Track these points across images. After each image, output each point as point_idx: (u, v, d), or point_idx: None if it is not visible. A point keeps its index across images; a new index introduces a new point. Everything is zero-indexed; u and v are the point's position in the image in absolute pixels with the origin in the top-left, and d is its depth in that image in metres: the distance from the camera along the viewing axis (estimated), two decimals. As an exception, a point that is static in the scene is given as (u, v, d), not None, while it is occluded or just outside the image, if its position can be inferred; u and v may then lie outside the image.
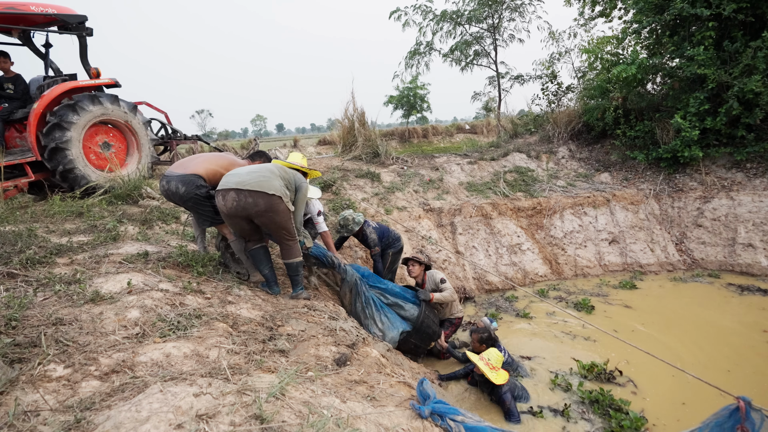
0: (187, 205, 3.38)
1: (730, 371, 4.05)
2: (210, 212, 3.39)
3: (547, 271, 6.86)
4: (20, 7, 5.07)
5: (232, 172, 3.26)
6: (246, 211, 3.13)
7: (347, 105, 8.67)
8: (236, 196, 3.10)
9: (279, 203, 3.17)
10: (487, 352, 3.66)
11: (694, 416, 3.41)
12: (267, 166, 3.31)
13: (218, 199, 3.20)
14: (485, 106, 25.84)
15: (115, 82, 6.03)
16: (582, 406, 3.58)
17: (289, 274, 3.57)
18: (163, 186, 3.34)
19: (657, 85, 9.24)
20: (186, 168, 3.39)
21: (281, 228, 3.29)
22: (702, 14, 7.12)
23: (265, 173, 3.20)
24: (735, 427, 1.82)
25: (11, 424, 1.40)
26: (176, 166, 3.46)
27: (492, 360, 3.59)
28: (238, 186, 3.10)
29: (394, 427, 1.88)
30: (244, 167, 3.33)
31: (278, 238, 3.39)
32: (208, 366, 1.98)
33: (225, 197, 3.14)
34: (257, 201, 3.10)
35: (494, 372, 3.51)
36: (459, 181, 8.18)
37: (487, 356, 3.62)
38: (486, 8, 14.29)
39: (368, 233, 4.74)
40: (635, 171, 8.38)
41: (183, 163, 3.47)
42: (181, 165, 3.45)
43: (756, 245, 6.49)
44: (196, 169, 3.38)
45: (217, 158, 3.60)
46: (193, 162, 3.47)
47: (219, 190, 3.19)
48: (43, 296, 2.35)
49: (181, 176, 3.31)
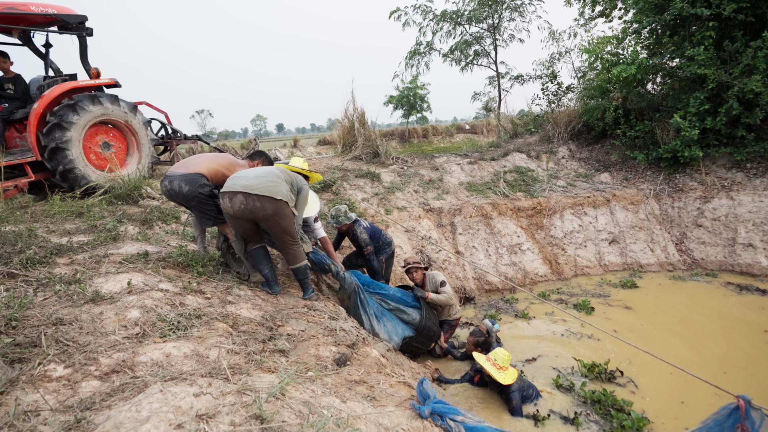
0: (190, 204, 3.38)
1: (728, 372, 4.05)
2: (213, 211, 3.40)
3: (547, 271, 6.86)
4: (20, 7, 5.07)
5: (238, 175, 3.25)
6: (253, 214, 3.14)
7: (347, 105, 8.67)
8: (244, 199, 3.10)
9: (285, 208, 3.18)
10: (494, 353, 3.64)
11: (693, 415, 3.42)
12: (272, 170, 3.31)
13: (224, 201, 3.19)
14: (485, 106, 25.88)
15: (115, 82, 6.03)
16: (585, 406, 3.58)
17: (297, 278, 3.56)
18: (166, 186, 3.34)
19: (657, 85, 9.24)
20: (188, 167, 3.40)
21: (285, 233, 3.29)
22: (702, 14, 7.12)
23: (272, 177, 3.20)
24: (735, 426, 1.82)
25: (11, 424, 1.40)
26: (178, 165, 3.46)
27: (499, 360, 3.57)
28: (246, 189, 3.10)
29: (394, 427, 1.88)
30: (251, 170, 3.32)
31: (282, 244, 3.38)
32: (208, 366, 1.98)
33: (232, 200, 3.14)
34: (265, 205, 3.11)
35: (502, 372, 3.49)
36: (459, 181, 8.18)
37: (494, 357, 3.60)
38: (486, 8, 14.29)
39: (359, 233, 4.70)
40: (635, 171, 8.38)
41: (185, 163, 3.48)
42: (183, 165, 3.45)
43: (756, 245, 6.49)
44: (198, 168, 3.39)
45: (218, 158, 3.61)
46: (195, 161, 3.48)
47: (225, 192, 3.18)
48: (43, 296, 2.35)
49: (184, 175, 3.31)
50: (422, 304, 4.50)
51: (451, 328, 4.79)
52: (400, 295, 4.45)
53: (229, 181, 3.21)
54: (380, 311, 4.26)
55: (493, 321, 4.80)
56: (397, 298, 4.41)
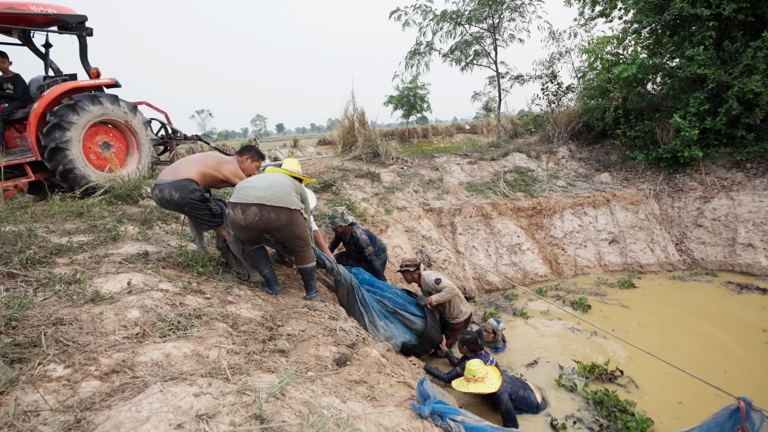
0: (183, 210, 3.34)
1: (727, 371, 4.05)
2: (207, 215, 3.37)
3: (547, 271, 6.86)
4: (20, 7, 5.07)
5: (249, 185, 3.19)
6: (267, 225, 3.14)
7: (347, 105, 8.68)
8: (258, 211, 3.08)
9: (298, 216, 3.20)
10: (466, 369, 3.52)
11: (692, 414, 3.42)
12: (281, 179, 3.28)
13: (236, 213, 3.14)
14: (485, 106, 25.86)
15: (115, 82, 6.02)
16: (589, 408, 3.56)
17: (303, 278, 3.56)
18: (156, 195, 3.29)
19: (657, 85, 9.24)
20: (176, 174, 3.33)
21: (297, 238, 3.30)
22: (702, 14, 7.12)
23: (284, 188, 3.18)
24: (735, 427, 1.82)
25: (11, 424, 1.40)
26: (166, 172, 3.39)
27: (474, 373, 3.44)
28: (261, 201, 3.08)
29: (394, 427, 1.88)
30: (261, 178, 3.27)
31: (293, 246, 3.39)
32: (208, 366, 1.98)
33: (245, 212, 3.10)
34: (279, 216, 3.11)
35: (482, 383, 3.41)
36: (459, 181, 8.18)
37: (468, 374, 3.48)
38: (486, 8, 14.29)
39: (358, 234, 4.69)
40: (635, 171, 8.38)
41: (172, 170, 3.40)
42: (171, 171, 3.38)
43: (756, 245, 6.49)
44: (187, 174, 3.33)
45: (205, 159, 3.52)
46: (183, 167, 3.40)
47: (237, 203, 3.13)
48: (43, 296, 2.35)
49: (173, 183, 3.26)
50: (426, 312, 4.43)
51: (454, 332, 4.65)
52: (402, 301, 4.39)
53: (240, 192, 3.16)
54: (382, 312, 4.23)
55: (498, 320, 4.77)
56: (399, 303, 4.35)
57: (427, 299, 4.42)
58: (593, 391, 3.70)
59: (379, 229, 6.38)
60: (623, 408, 3.46)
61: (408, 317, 4.32)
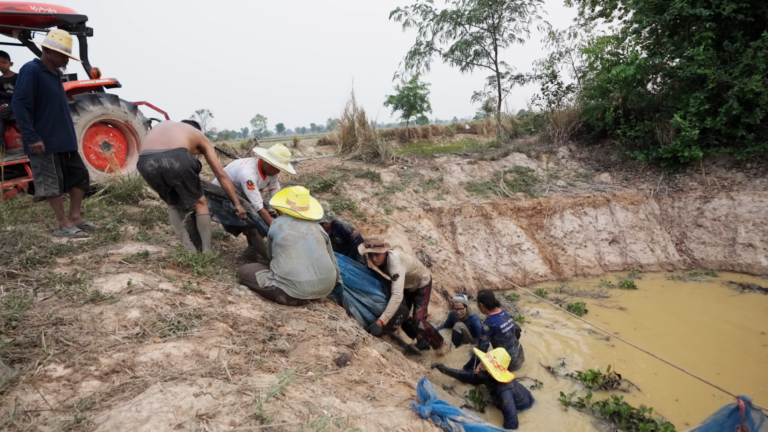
0: (178, 180, 3.28)
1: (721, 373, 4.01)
2: (196, 185, 3.40)
3: (547, 271, 6.86)
4: (20, 7, 5.07)
5: (304, 281, 3.23)
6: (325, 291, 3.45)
7: (347, 105, 8.68)
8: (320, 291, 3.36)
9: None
10: (494, 351, 3.73)
11: (693, 415, 3.41)
12: (327, 263, 3.39)
13: (289, 290, 3.22)
14: (485, 106, 25.85)
15: (115, 82, 6.02)
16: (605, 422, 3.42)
17: None
18: (152, 165, 3.20)
19: (657, 85, 9.24)
20: (168, 143, 3.28)
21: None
22: (702, 14, 7.12)
23: (327, 271, 3.37)
24: (735, 426, 1.81)
25: (11, 424, 1.40)
26: (153, 142, 3.31)
27: (498, 359, 3.65)
28: (319, 295, 3.37)
29: (394, 427, 1.88)
30: (312, 270, 3.30)
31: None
32: (208, 366, 1.98)
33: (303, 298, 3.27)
34: None
35: (498, 371, 3.56)
36: (459, 181, 8.18)
37: (494, 354, 3.68)
38: (486, 8, 14.30)
39: (341, 221, 4.78)
40: (635, 171, 8.37)
41: (160, 139, 3.32)
42: (159, 141, 3.31)
43: (756, 245, 6.49)
44: (181, 143, 3.32)
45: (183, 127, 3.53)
46: (171, 135, 3.35)
47: (293, 299, 3.24)
48: (43, 296, 2.35)
49: (172, 152, 3.22)
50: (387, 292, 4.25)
51: (424, 298, 4.52)
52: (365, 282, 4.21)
53: (297, 288, 3.22)
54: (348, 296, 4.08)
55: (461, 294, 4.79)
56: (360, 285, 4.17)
57: (379, 328, 4.10)
58: (601, 401, 3.57)
59: (379, 229, 6.38)
60: (641, 417, 3.33)
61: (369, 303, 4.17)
